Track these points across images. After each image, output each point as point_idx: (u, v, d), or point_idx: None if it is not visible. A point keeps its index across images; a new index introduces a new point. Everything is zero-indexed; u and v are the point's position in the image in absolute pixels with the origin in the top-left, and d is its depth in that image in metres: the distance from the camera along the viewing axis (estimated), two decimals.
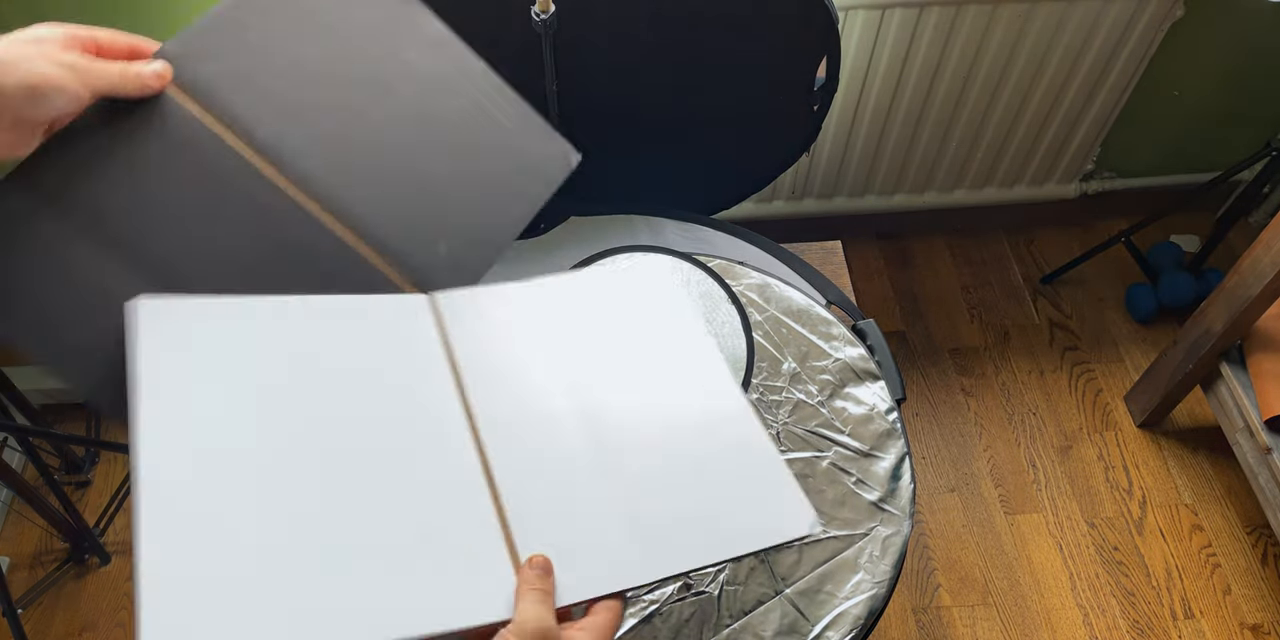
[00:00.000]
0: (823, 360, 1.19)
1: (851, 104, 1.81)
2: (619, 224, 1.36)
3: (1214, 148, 2.09)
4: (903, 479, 1.10)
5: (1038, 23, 1.67)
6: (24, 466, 1.81)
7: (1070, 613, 1.68)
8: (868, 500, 1.08)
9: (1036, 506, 1.81)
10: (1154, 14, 1.68)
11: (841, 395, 1.16)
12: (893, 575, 1.03)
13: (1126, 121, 1.96)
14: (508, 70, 1.23)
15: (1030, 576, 1.72)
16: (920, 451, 1.88)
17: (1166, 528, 1.78)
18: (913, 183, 2.02)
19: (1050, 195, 2.10)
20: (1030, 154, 1.98)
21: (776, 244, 1.36)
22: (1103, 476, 1.85)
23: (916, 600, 1.70)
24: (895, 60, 1.72)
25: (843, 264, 1.45)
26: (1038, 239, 2.22)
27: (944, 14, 1.65)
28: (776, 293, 1.25)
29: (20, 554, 1.73)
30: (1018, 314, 2.10)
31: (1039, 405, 1.95)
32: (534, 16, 1.12)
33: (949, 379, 1.99)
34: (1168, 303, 2.04)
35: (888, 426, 1.13)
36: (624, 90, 1.28)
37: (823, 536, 1.05)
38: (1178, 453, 1.89)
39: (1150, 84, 1.88)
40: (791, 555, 1.04)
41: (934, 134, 1.89)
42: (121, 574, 1.71)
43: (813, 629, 0.99)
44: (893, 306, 2.10)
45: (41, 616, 1.66)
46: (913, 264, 2.18)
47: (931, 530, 1.78)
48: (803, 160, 1.91)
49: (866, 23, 1.65)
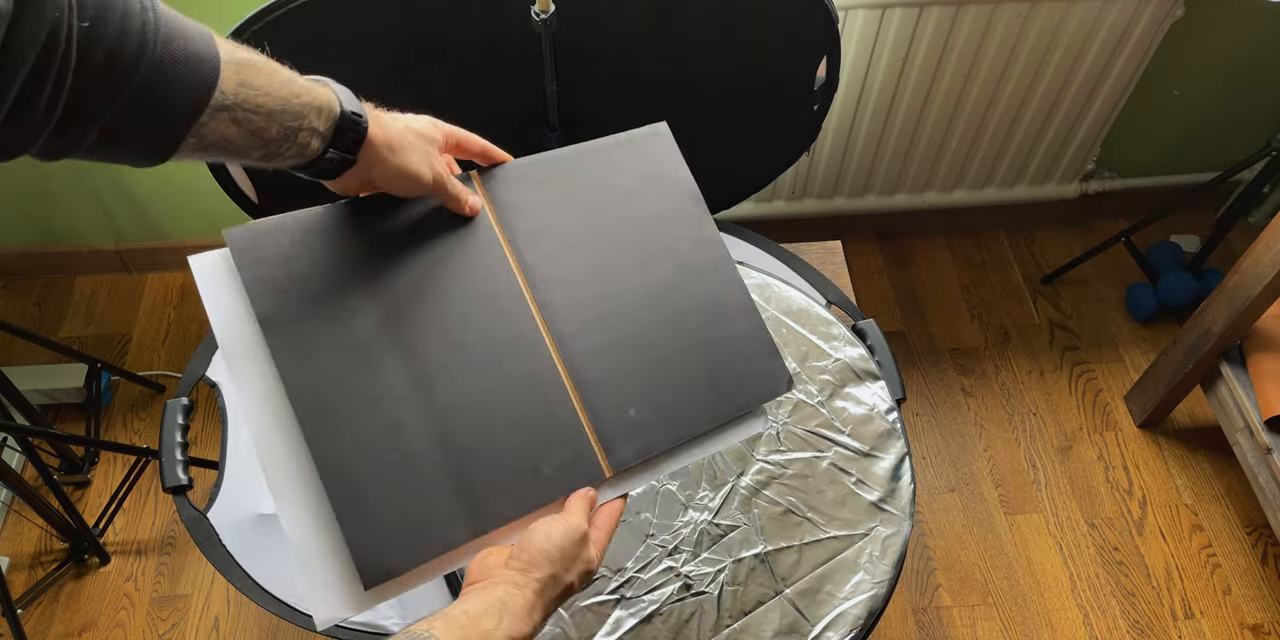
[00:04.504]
0: (823, 360, 1.19)
1: (851, 104, 1.81)
2: None
3: (1214, 148, 2.09)
4: (903, 479, 1.10)
5: (1038, 23, 1.67)
6: (24, 466, 1.81)
7: (1070, 613, 1.68)
8: (868, 500, 1.08)
9: (1036, 506, 1.81)
10: (1154, 14, 1.68)
11: (841, 395, 1.16)
12: (893, 575, 1.03)
13: (1126, 121, 1.96)
14: (508, 70, 1.23)
15: (1030, 576, 1.72)
16: (920, 451, 1.88)
17: (1166, 528, 1.78)
18: (913, 183, 2.02)
19: (1050, 195, 2.09)
20: (1030, 154, 1.98)
21: (776, 244, 1.35)
22: (1103, 476, 1.85)
23: (916, 600, 1.70)
24: (895, 60, 1.72)
25: (843, 264, 1.45)
26: (1038, 239, 2.22)
27: (944, 14, 1.65)
28: (776, 293, 1.25)
29: (20, 554, 1.73)
30: (1018, 314, 2.10)
31: (1039, 405, 1.95)
32: (534, 16, 1.12)
33: (949, 379, 1.98)
34: (1168, 303, 2.04)
35: (888, 427, 1.13)
36: (624, 90, 1.28)
37: (823, 537, 1.05)
38: (1178, 453, 1.89)
39: (1150, 84, 1.88)
40: (791, 555, 1.04)
41: (934, 134, 1.89)
42: (121, 574, 1.71)
43: (813, 629, 0.99)
44: (893, 306, 2.10)
45: (41, 616, 1.66)
46: (913, 264, 2.18)
47: (931, 530, 1.78)
48: (803, 160, 1.91)
49: (866, 23, 1.65)
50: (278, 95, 0.67)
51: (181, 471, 1.09)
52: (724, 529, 1.05)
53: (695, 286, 0.87)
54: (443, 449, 0.75)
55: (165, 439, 1.11)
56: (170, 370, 1.97)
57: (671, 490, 1.08)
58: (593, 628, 0.99)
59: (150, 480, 1.80)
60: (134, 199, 1.94)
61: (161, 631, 1.65)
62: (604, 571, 1.02)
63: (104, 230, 2.02)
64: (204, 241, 2.04)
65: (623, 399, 0.81)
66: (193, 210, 1.97)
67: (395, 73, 1.20)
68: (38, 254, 2.05)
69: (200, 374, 1.20)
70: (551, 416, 0.79)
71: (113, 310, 2.06)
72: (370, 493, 0.71)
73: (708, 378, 0.85)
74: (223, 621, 1.66)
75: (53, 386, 1.84)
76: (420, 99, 1.25)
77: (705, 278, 0.88)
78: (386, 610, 1.02)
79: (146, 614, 1.66)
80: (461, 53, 1.19)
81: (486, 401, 0.77)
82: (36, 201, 1.93)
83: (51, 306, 2.07)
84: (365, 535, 0.70)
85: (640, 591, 1.01)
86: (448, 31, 1.16)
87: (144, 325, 2.04)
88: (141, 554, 1.73)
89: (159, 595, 1.68)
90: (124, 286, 2.10)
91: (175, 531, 1.76)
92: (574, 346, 0.82)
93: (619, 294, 0.85)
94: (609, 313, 0.84)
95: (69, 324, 2.04)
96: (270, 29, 1.09)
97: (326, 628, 0.71)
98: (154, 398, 1.94)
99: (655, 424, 0.82)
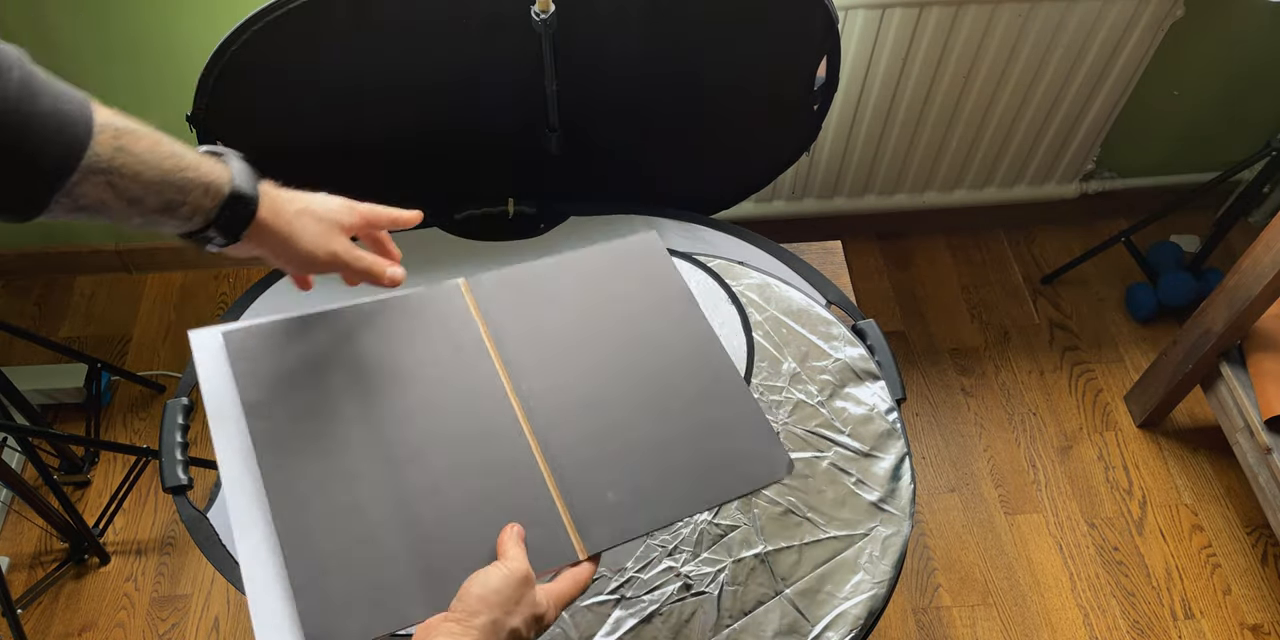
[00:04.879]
0: (823, 360, 1.19)
1: (851, 104, 1.81)
2: (619, 224, 1.36)
3: (1214, 148, 2.09)
4: (903, 479, 1.10)
5: (1038, 23, 1.67)
6: (24, 466, 1.81)
7: (1070, 613, 1.68)
8: (868, 501, 1.08)
9: (1036, 506, 1.81)
10: (1154, 14, 1.68)
11: (841, 395, 1.16)
12: (892, 576, 1.03)
13: (1126, 121, 1.96)
14: (508, 70, 1.23)
15: (1030, 576, 1.72)
16: (920, 451, 1.88)
17: (1166, 528, 1.78)
18: (913, 183, 2.02)
19: (1050, 195, 2.09)
20: (1030, 154, 1.98)
21: (776, 244, 1.35)
22: (1103, 476, 1.85)
23: (916, 600, 1.70)
24: (895, 60, 1.72)
25: (843, 264, 1.45)
26: (1038, 239, 2.22)
27: (944, 14, 1.64)
28: (776, 293, 1.25)
29: (20, 554, 1.73)
30: (1018, 314, 2.10)
31: (1039, 405, 1.95)
32: (534, 16, 1.12)
33: (949, 379, 1.98)
34: (1168, 303, 2.04)
35: (888, 427, 1.13)
36: (624, 90, 1.28)
37: (823, 537, 1.05)
38: (1178, 453, 1.89)
39: (1150, 84, 1.88)
40: (791, 555, 1.04)
41: (934, 134, 1.89)
42: (121, 574, 1.71)
43: (812, 629, 0.99)
44: (893, 306, 2.10)
45: (41, 616, 1.66)
46: (913, 264, 2.18)
47: (931, 530, 1.78)
48: (803, 160, 1.91)
49: (866, 23, 1.65)
50: (160, 167, 0.68)
51: (181, 471, 1.09)
52: (724, 529, 1.05)
53: (682, 376, 0.89)
54: (408, 529, 0.77)
55: (165, 439, 1.11)
56: (170, 370, 1.97)
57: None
58: (593, 628, 0.99)
59: (150, 480, 1.80)
60: None
61: (161, 631, 1.65)
62: (604, 571, 1.02)
63: (104, 230, 2.01)
64: None
65: (601, 483, 0.82)
66: None
67: (395, 73, 1.20)
68: (38, 254, 2.05)
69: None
70: (523, 499, 0.80)
71: (113, 310, 2.06)
72: (330, 569, 0.75)
73: (695, 463, 0.85)
74: (223, 621, 1.66)
75: (53, 386, 1.84)
76: (420, 99, 1.25)
77: (693, 367, 0.90)
78: None
79: (146, 614, 1.66)
80: (462, 52, 1.19)
81: (457, 485, 0.80)
82: None
83: (51, 306, 2.07)
84: (317, 609, 0.73)
85: (640, 591, 1.01)
86: (448, 31, 1.16)
87: (144, 325, 2.04)
88: (141, 554, 1.73)
89: (159, 595, 1.68)
90: (124, 286, 2.10)
91: (175, 531, 1.76)
92: (552, 435, 0.84)
93: (601, 384, 0.87)
94: (591, 402, 0.86)
95: (69, 324, 2.04)
96: (270, 29, 1.09)
97: None
98: (154, 398, 1.94)
99: (634, 506, 0.82)
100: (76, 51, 1.63)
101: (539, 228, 1.36)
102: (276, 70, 1.15)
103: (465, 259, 1.32)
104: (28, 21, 1.58)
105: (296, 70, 1.16)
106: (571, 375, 0.87)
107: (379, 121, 1.26)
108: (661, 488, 0.83)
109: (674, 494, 0.83)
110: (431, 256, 1.32)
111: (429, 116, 1.27)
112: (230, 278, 2.12)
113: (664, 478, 0.84)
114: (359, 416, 0.81)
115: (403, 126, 1.28)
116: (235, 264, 2.11)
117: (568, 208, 1.37)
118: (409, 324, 0.87)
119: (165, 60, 1.65)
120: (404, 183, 1.35)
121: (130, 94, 1.71)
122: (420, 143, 1.30)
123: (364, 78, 1.21)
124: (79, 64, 1.65)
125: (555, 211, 1.37)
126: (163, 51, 1.64)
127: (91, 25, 1.58)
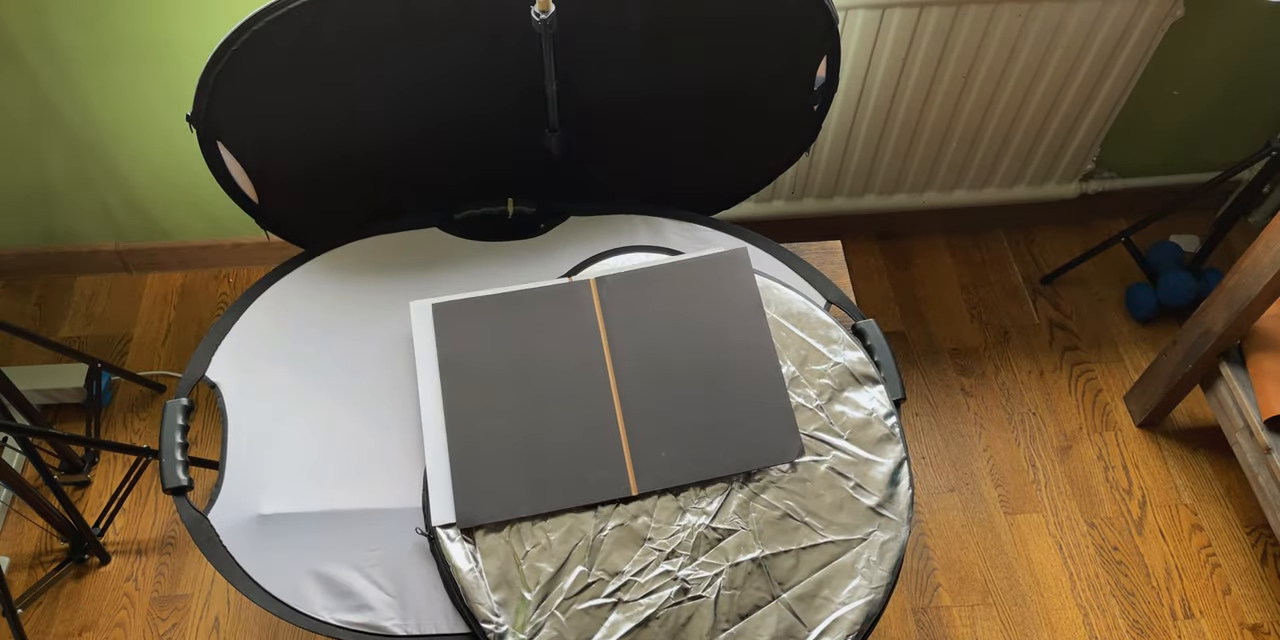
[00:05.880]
0: (822, 364, 1.18)
1: (851, 104, 1.81)
2: (619, 224, 1.36)
3: (1214, 148, 2.09)
4: (901, 484, 1.10)
5: (1038, 23, 1.67)
6: (24, 466, 1.81)
7: (1070, 613, 1.68)
8: (866, 505, 1.08)
9: (1036, 506, 1.81)
10: (1154, 14, 1.68)
11: (840, 399, 1.16)
12: (890, 581, 1.03)
13: (1126, 121, 1.96)
14: (508, 70, 1.23)
15: (1030, 576, 1.72)
16: (920, 451, 1.88)
17: (1166, 528, 1.78)
18: (912, 183, 2.02)
19: (1050, 195, 2.09)
20: (1030, 154, 1.98)
21: (776, 244, 1.35)
22: (1102, 476, 1.85)
23: (916, 600, 1.70)
24: (895, 60, 1.72)
25: (843, 264, 1.45)
26: (1038, 239, 2.22)
27: (944, 14, 1.64)
28: (776, 295, 1.25)
29: (20, 554, 1.73)
30: (1018, 314, 2.10)
31: (1039, 405, 1.95)
32: (534, 16, 1.11)
33: (949, 379, 1.98)
34: (1168, 303, 2.03)
35: (886, 431, 1.13)
36: (624, 90, 1.28)
37: (821, 541, 1.05)
38: (1178, 453, 1.88)
39: (1150, 84, 1.88)
40: (789, 560, 1.04)
41: (934, 134, 1.89)
42: (121, 574, 1.71)
43: (809, 634, 0.99)
44: (893, 306, 2.10)
45: (41, 616, 1.66)
46: (913, 264, 2.18)
47: (931, 530, 1.78)
48: (803, 160, 1.91)
49: (866, 23, 1.65)
50: None
51: (181, 472, 1.10)
52: (721, 533, 1.05)
53: (737, 372, 1.16)
54: (528, 455, 1.11)
55: (165, 439, 1.11)
56: (170, 370, 1.97)
57: (669, 494, 1.08)
58: (589, 631, 0.99)
59: (150, 480, 1.80)
60: (134, 199, 1.94)
61: (161, 631, 1.65)
62: (601, 575, 1.02)
63: (104, 230, 2.02)
64: (204, 241, 2.04)
65: (657, 444, 1.12)
66: (193, 210, 1.97)
67: (395, 73, 1.20)
68: (38, 254, 2.05)
69: (200, 374, 1.20)
70: (604, 448, 1.12)
71: (113, 310, 2.07)
72: (477, 472, 1.10)
73: (732, 439, 1.12)
74: (223, 621, 1.66)
75: (53, 386, 1.84)
76: (421, 99, 1.25)
77: (747, 366, 1.17)
78: (388, 612, 1.03)
79: (146, 614, 1.67)
80: (462, 52, 1.19)
81: (562, 432, 1.13)
82: (36, 201, 1.93)
83: (51, 306, 2.07)
84: (464, 498, 1.09)
85: (637, 595, 1.01)
86: (448, 30, 1.16)
87: (144, 325, 2.04)
88: (141, 554, 1.73)
89: (159, 595, 1.69)
90: (124, 286, 2.10)
91: (175, 532, 1.76)
92: (631, 405, 1.14)
93: (674, 371, 1.16)
94: (664, 384, 1.15)
95: (69, 324, 2.04)
96: (271, 29, 1.09)
97: (440, 523, 1.07)
98: (154, 398, 1.94)
99: (678, 463, 1.11)
100: (76, 51, 1.63)
101: (538, 227, 1.36)
102: (277, 70, 1.15)
103: (465, 259, 1.32)
104: (28, 21, 1.58)
105: (296, 70, 1.16)
106: (654, 361, 1.17)
107: (379, 121, 1.26)
108: (699, 454, 1.11)
109: (707, 459, 1.11)
110: (431, 256, 1.32)
111: (429, 116, 1.27)
112: (230, 278, 2.12)
113: (703, 447, 1.11)
114: (508, 373, 1.16)
115: (403, 126, 1.28)
116: (235, 264, 2.11)
117: (567, 207, 1.37)
118: (551, 309, 1.20)
119: (165, 60, 1.65)
120: (404, 182, 1.35)
121: (130, 94, 1.71)
122: (420, 142, 1.30)
123: (364, 78, 1.20)
124: (79, 64, 1.65)
125: (555, 211, 1.37)
126: (162, 51, 1.64)
127: (91, 25, 1.58)
